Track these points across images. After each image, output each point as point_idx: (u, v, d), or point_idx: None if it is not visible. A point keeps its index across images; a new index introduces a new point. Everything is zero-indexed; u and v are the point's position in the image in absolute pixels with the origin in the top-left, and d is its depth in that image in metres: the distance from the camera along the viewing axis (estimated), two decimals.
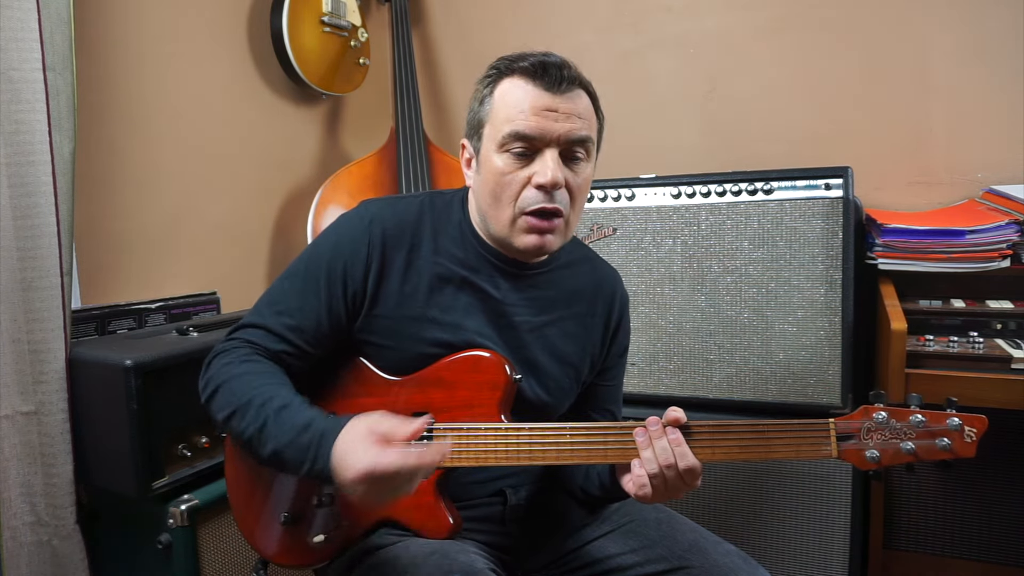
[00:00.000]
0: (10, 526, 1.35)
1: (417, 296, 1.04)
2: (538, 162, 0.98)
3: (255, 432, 0.93)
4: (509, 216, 1.00)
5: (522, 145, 0.97)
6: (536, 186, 0.97)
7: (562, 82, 0.97)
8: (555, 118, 0.97)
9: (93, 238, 1.64)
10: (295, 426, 0.91)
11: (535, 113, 0.96)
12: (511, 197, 0.99)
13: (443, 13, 2.49)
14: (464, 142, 1.08)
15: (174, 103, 1.83)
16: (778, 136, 2.06)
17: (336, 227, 1.07)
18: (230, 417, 0.95)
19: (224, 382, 0.98)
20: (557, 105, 0.97)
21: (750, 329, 1.63)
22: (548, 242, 1.01)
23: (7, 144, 1.31)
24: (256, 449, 0.94)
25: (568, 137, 0.98)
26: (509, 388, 1.01)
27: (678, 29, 2.17)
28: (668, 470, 0.91)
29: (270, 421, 0.92)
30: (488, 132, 1.01)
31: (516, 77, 0.99)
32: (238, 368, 0.98)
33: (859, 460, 0.91)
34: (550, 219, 0.99)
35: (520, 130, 0.96)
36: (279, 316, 1.03)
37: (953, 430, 0.88)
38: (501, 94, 1.00)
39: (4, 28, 1.29)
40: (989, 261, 1.55)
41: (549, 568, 1.13)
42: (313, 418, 0.92)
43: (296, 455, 0.90)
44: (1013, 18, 1.80)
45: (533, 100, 0.97)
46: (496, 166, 0.99)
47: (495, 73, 1.02)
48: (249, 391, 0.95)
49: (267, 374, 0.98)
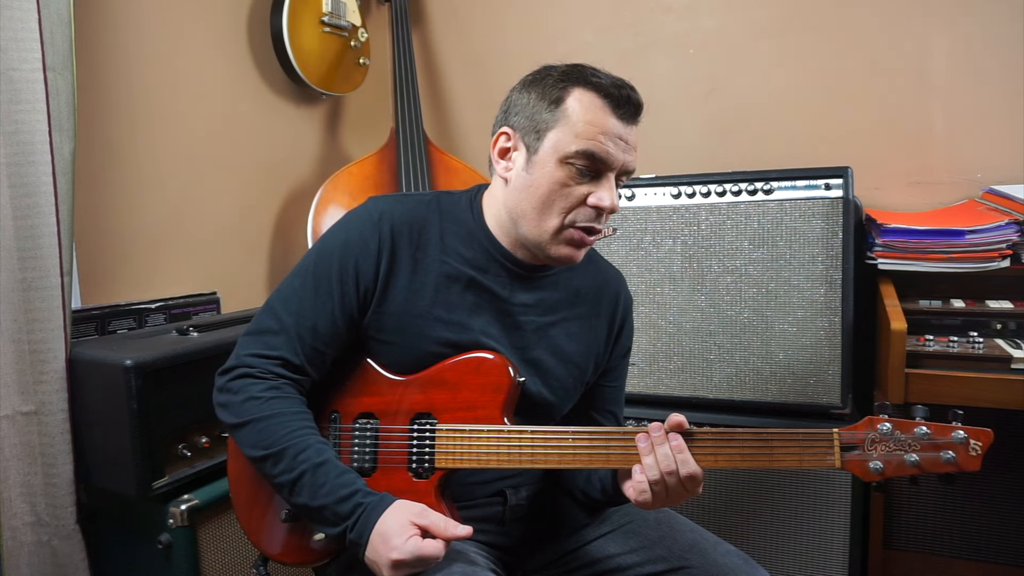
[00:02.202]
0: (10, 526, 1.35)
1: (424, 294, 1.04)
2: (598, 184, 0.99)
3: (288, 481, 0.96)
4: (555, 226, 1.00)
5: (587, 165, 0.98)
6: (594, 207, 0.99)
7: (636, 115, 1.01)
8: (624, 148, 0.99)
9: (93, 238, 1.64)
10: (335, 491, 0.94)
11: (610, 139, 0.98)
12: (563, 209, 1.00)
13: (443, 13, 2.49)
14: (508, 131, 1.04)
15: (174, 103, 1.83)
16: (778, 136, 2.06)
17: (344, 224, 1.07)
18: (262, 459, 0.98)
19: (253, 420, 0.98)
20: (627, 136, 1.00)
21: (750, 329, 1.63)
22: (580, 255, 1.04)
23: (7, 144, 1.31)
24: (285, 495, 0.98)
25: (626, 168, 1.01)
26: (512, 391, 1.01)
27: (678, 29, 2.17)
28: (669, 476, 0.91)
29: (307, 476, 0.95)
30: (554, 138, 0.98)
31: (593, 93, 0.98)
32: (268, 407, 0.99)
33: (863, 471, 0.91)
34: (592, 236, 1.02)
35: (595, 152, 0.97)
36: (296, 318, 1.02)
37: (958, 443, 0.88)
38: (575, 104, 0.98)
39: (4, 28, 1.29)
40: (989, 261, 1.55)
41: (549, 568, 1.13)
42: (355, 488, 0.95)
43: (333, 519, 0.94)
44: (1013, 18, 1.80)
45: (612, 127, 0.98)
46: (556, 175, 0.98)
47: (567, 78, 1.00)
48: (283, 438, 0.97)
49: (298, 416, 1.00)
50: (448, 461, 1.00)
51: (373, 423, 1.05)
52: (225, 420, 1.02)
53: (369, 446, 1.04)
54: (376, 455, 1.04)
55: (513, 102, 1.04)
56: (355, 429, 1.05)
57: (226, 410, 1.01)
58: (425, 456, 1.01)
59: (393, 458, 1.03)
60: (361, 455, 1.04)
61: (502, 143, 1.05)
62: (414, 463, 1.01)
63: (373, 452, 1.04)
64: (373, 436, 1.04)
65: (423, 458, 1.01)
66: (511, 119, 1.04)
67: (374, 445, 1.04)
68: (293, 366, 1.02)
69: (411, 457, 1.02)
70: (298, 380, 1.03)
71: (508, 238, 1.06)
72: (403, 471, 1.02)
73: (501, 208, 1.05)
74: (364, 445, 1.04)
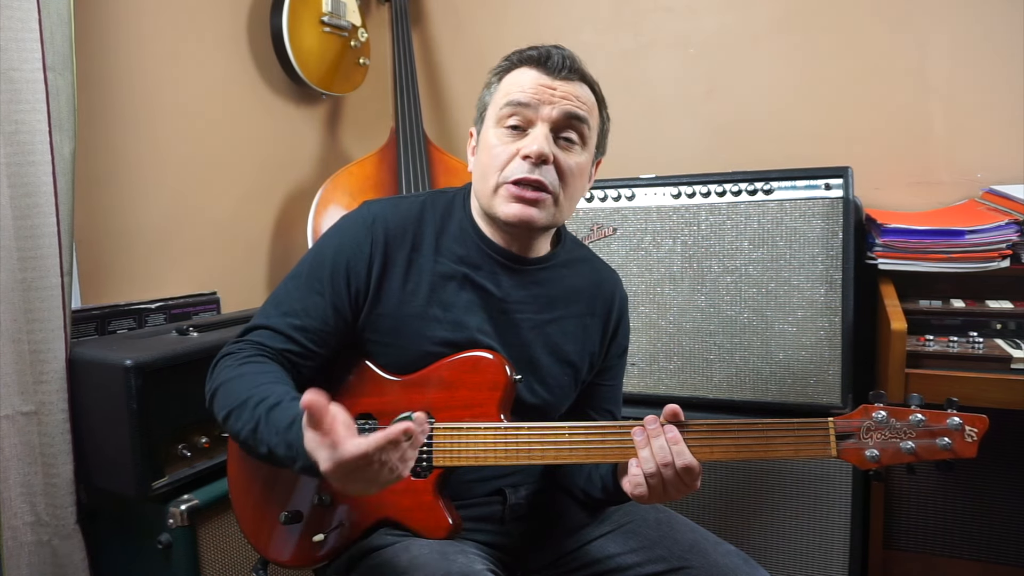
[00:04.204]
0: (10, 526, 1.35)
1: (419, 294, 1.05)
2: (528, 136, 1.01)
3: (249, 432, 0.92)
4: (493, 185, 1.02)
5: (516, 118, 1.00)
6: (523, 156, 0.99)
7: (563, 68, 1.02)
8: (551, 95, 1.00)
9: (93, 238, 1.64)
10: (282, 425, 0.89)
11: (532, 88, 1.01)
12: (497, 167, 1.01)
13: (443, 13, 2.49)
14: (472, 130, 1.12)
15: (174, 103, 1.83)
16: (778, 136, 2.06)
17: (339, 228, 1.08)
18: (228, 417, 0.95)
19: (224, 382, 0.98)
20: (555, 85, 1.01)
21: (750, 329, 1.63)
22: (533, 215, 1.01)
23: (7, 144, 1.31)
24: (252, 449, 0.94)
25: (562, 111, 1.00)
26: (509, 388, 1.01)
27: (678, 29, 2.17)
28: (666, 469, 0.91)
29: (262, 421, 0.91)
30: (489, 113, 1.06)
31: (524, 66, 1.04)
32: (238, 369, 0.98)
33: (859, 459, 0.90)
34: (536, 191, 1.00)
35: (515, 98, 1.00)
36: (285, 316, 1.03)
37: (954, 430, 0.88)
38: (507, 80, 1.05)
39: (4, 28, 1.29)
40: (989, 261, 1.55)
41: (548, 568, 1.13)
42: (296, 415, 0.87)
43: (286, 453, 0.88)
44: (1013, 18, 1.80)
45: (535, 78, 1.02)
46: (490, 142, 1.03)
47: (506, 64, 1.07)
48: (246, 391, 0.94)
49: (266, 373, 0.98)
50: (446, 459, 0.99)
51: (372, 424, 1.05)
52: (208, 397, 1.00)
53: None
54: None
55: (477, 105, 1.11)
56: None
57: (208, 391, 1.01)
58: (423, 455, 1.01)
59: None
60: None
61: (471, 143, 1.12)
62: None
63: None
64: None
65: (421, 457, 1.00)
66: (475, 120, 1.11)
67: None
68: (275, 350, 1.02)
69: None
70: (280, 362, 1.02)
71: (486, 224, 1.08)
72: None
73: (475, 198, 1.09)
74: None
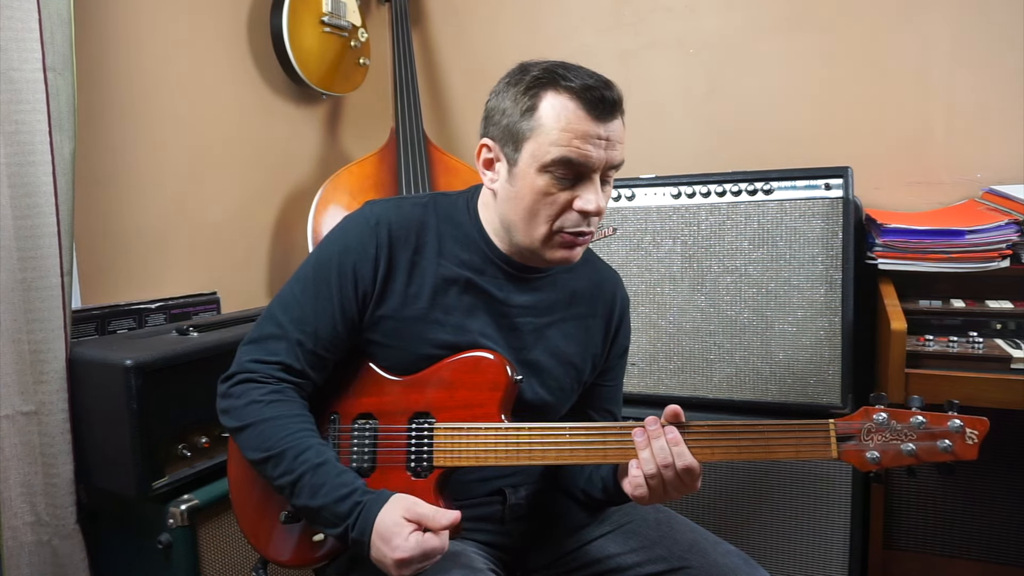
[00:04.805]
0: (10, 526, 1.35)
1: (421, 297, 1.05)
2: (581, 188, 0.97)
3: (289, 483, 0.96)
4: (545, 233, 1.00)
5: (567, 172, 0.97)
6: (580, 211, 0.98)
7: (612, 111, 0.97)
8: (603, 146, 0.96)
9: (93, 238, 1.64)
10: (334, 491, 0.94)
11: (588, 142, 0.95)
12: (550, 216, 0.99)
13: (443, 13, 2.49)
14: (488, 143, 1.03)
15: (174, 103, 1.83)
16: (778, 136, 2.06)
17: (342, 229, 1.07)
18: (263, 462, 0.98)
19: (254, 423, 0.99)
20: (606, 134, 0.96)
21: (750, 329, 1.63)
22: (576, 255, 1.03)
23: (7, 144, 1.31)
24: (287, 495, 0.98)
25: (611, 164, 0.99)
26: (510, 389, 1.01)
27: (678, 29, 2.17)
28: (666, 470, 0.91)
29: (307, 478, 0.95)
30: (531, 149, 0.97)
31: (564, 95, 0.95)
32: (269, 410, 0.99)
33: (859, 461, 0.90)
34: (584, 236, 1.01)
35: (572, 159, 0.95)
36: (297, 324, 1.03)
37: (954, 432, 0.88)
38: (548, 111, 0.96)
39: (4, 28, 1.29)
40: (989, 261, 1.54)
41: (548, 568, 1.13)
42: (354, 487, 0.95)
43: (333, 519, 0.94)
44: (1013, 18, 1.80)
45: (585, 128, 0.95)
46: (538, 185, 0.97)
47: (538, 84, 0.97)
48: (283, 440, 0.97)
49: (298, 418, 1.00)
50: (446, 459, 1.00)
51: (372, 423, 1.05)
52: (228, 425, 1.03)
53: (368, 446, 1.04)
54: (375, 455, 1.04)
55: (490, 111, 1.03)
56: (354, 430, 1.05)
57: (228, 415, 1.02)
58: (423, 455, 1.01)
59: (392, 458, 1.03)
60: (360, 455, 1.04)
61: (484, 155, 1.04)
62: (412, 462, 1.01)
63: (372, 452, 1.04)
64: (372, 436, 1.04)
65: (421, 457, 1.01)
66: (490, 129, 1.02)
67: (373, 445, 1.04)
68: (295, 370, 1.03)
69: (409, 456, 1.02)
70: (300, 384, 1.04)
71: (504, 242, 1.06)
72: (402, 471, 1.02)
73: (494, 216, 1.06)
74: (363, 445, 1.04)
